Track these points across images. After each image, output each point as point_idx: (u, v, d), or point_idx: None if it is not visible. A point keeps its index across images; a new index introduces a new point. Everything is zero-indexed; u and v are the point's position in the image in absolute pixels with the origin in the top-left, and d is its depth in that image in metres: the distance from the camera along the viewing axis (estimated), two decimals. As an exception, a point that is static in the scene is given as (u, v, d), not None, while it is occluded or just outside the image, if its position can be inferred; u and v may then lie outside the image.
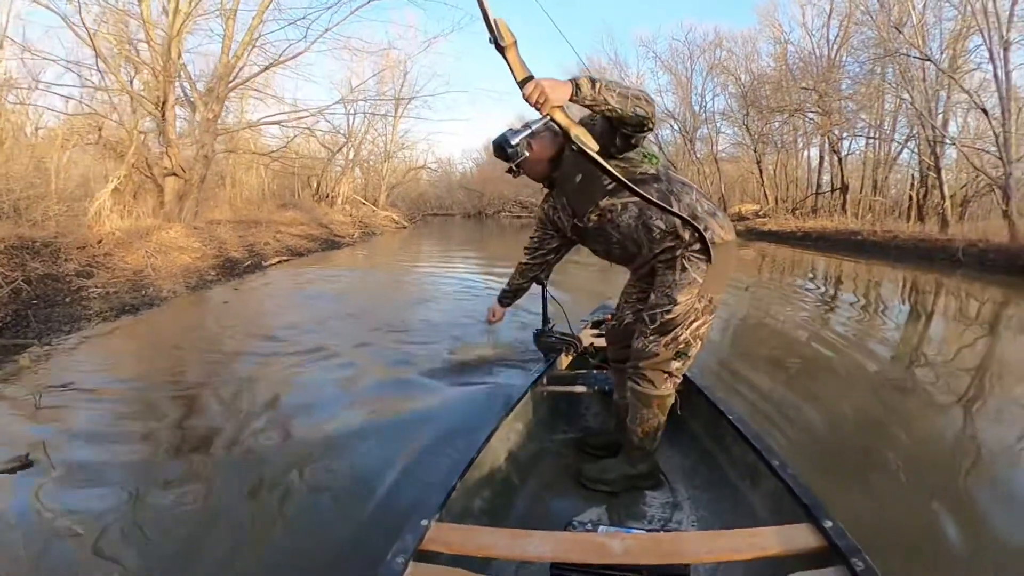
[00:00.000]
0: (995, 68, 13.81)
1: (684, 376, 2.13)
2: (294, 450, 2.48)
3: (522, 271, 2.28)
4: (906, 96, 15.50)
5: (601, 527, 1.50)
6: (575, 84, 1.48)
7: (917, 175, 17.57)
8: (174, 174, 8.88)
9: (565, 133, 1.54)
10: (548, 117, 1.48)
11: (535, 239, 2.20)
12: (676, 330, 1.83)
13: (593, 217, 1.88)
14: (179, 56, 8.53)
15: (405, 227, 23.52)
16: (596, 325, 3.35)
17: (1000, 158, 14.24)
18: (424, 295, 6.48)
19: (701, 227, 1.74)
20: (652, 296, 1.88)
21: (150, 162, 8.87)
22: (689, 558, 1.28)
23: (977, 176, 15.41)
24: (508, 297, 2.39)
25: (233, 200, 14.55)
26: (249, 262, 8.35)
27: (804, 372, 3.70)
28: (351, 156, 24.25)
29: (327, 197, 22.92)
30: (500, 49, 1.45)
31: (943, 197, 13.67)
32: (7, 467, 2.22)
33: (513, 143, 1.61)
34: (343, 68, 26.91)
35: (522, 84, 1.45)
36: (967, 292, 7.69)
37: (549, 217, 2.08)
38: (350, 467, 2.30)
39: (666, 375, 1.88)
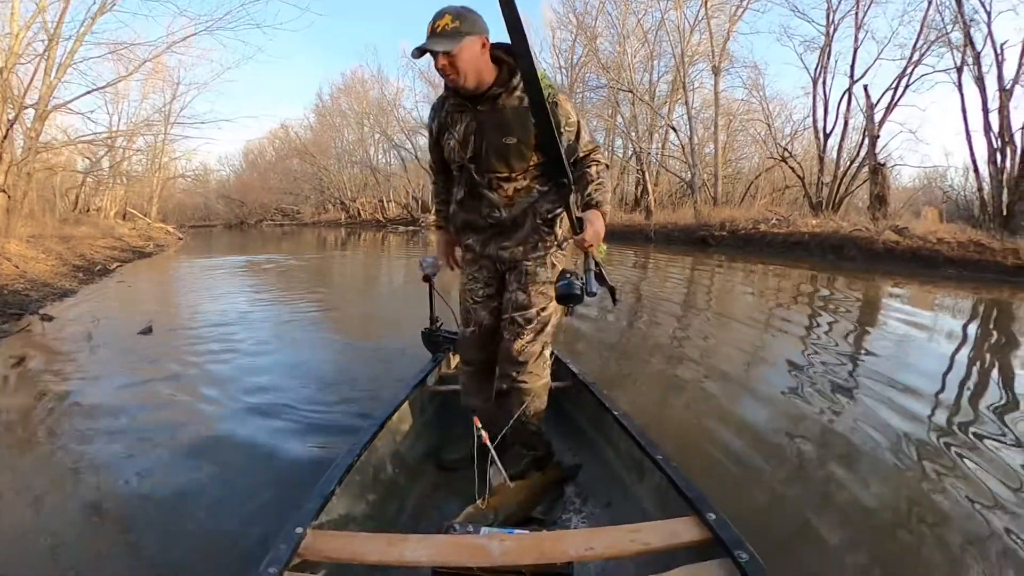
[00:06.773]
0: (686, 96, 20.19)
1: (571, 373, 2.41)
2: (168, 445, 2.53)
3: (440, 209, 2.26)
4: (619, 118, 21.36)
5: (484, 528, 1.51)
6: (603, 215, 1.80)
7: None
8: (2, 191, 10.12)
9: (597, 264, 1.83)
10: (591, 254, 1.76)
11: (440, 187, 2.18)
12: (548, 326, 2.01)
13: (495, 180, 1.88)
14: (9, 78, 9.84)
15: (182, 238, 24.48)
16: None
17: (687, 163, 20.66)
18: (276, 282, 9.19)
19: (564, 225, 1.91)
20: (520, 296, 1.97)
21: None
22: (572, 556, 1.31)
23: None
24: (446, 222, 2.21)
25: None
26: (98, 267, 10.09)
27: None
28: (108, 167, 24.25)
29: (87, 211, 22.92)
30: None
31: (648, 193, 19.40)
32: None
33: (592, 290, 1.70)
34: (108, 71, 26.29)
35: (580, 227, 1.75)
36: (646, 255, 12.88)
37: (439, 143, 1.99)
38: (225, 472, 2.26)
39: (544, 363, 2.05)
